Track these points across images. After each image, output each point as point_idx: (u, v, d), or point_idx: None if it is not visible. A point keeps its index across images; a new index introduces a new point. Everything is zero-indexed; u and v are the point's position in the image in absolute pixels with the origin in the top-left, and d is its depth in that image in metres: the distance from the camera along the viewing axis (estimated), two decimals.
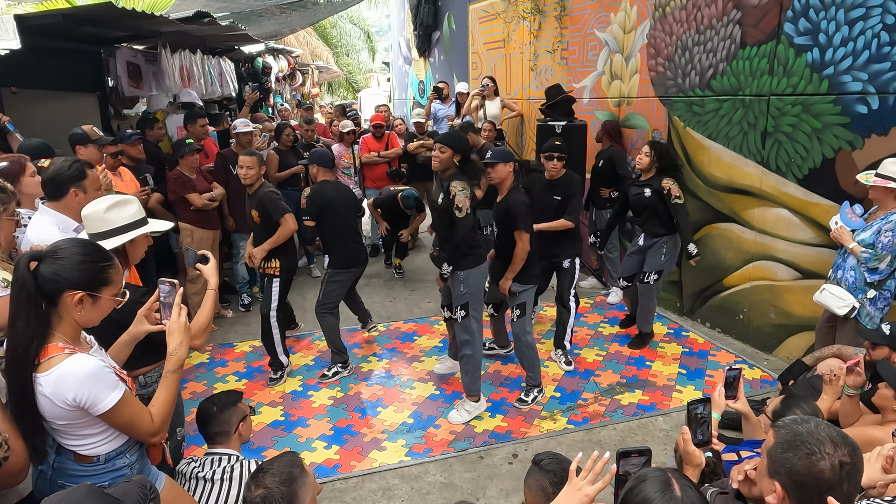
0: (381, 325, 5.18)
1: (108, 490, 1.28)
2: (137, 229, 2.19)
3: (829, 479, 1.26)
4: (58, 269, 1.61)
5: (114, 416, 1.65)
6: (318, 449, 3.45)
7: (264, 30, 9.58)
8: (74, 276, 1.62)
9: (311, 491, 1.62)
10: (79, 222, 2.57)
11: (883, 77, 3.55)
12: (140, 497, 1.34)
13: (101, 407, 1.62)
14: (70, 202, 2.58)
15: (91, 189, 2.63)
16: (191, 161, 4.83)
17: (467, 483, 3.14)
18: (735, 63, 4.47)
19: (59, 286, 1.61)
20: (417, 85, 11.01)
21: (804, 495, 1.28)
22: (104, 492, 1.25)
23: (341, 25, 21.23)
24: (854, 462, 1.28)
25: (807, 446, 1.30)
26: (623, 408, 3.83)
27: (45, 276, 1.59)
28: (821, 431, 1.32)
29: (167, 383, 1.81)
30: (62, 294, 1.61)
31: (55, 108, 5.45)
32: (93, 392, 1.60)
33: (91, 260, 1.66)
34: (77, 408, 1.61)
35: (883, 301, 3.33)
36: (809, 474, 1.28)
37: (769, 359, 4.43)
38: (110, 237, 2.11)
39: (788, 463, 1.31)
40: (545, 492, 1.63)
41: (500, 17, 7.56)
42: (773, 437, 1.39)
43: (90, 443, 1.70)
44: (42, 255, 1.62)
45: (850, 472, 1.28)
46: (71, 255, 1.64)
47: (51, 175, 2.58)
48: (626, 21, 5.54)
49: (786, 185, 4.20)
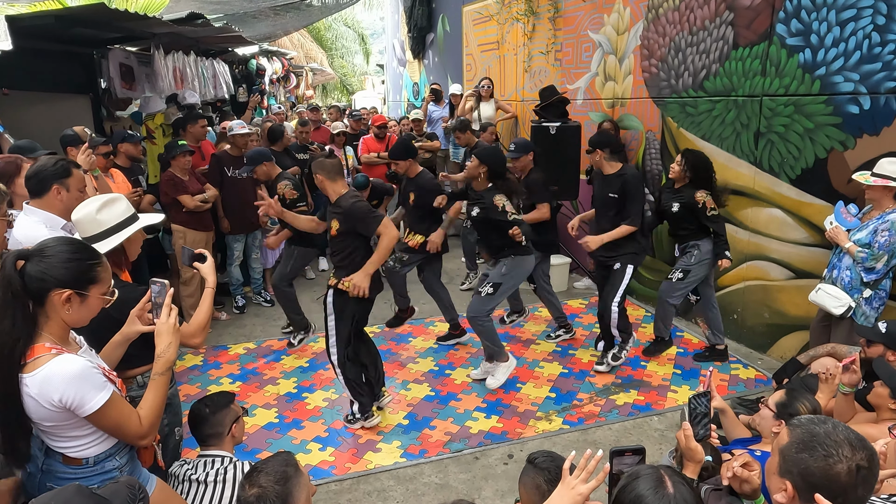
0: (376, 327, 5.17)
1: (97, 490, 1.26)
2: (131, 226, 2.17)
3: (845, 483, 1.23)
4: (45, 267, 1.58)
5: (101, 418, 1.63)
6: (312, 451, 3.44)
7: (258, 31, 9.55)
8: (62, 275, 1.60)
9: (306, 490, 1.61)
10: (66, 220, 2.55)
11: (874, 77, 3.57)
12: (129, 497, 1.32)
13: (88, 408, 1.59)
14: (52, 200, 2.52)
15: (74, 188, 2.57)
16: (183, 162, 4.81)
17: (463, 484, 3.13)
18: (728, 64, 4.49)
19: (46, 285, 1.58)
20: (412, 87, 11.01)
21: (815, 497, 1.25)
22: (93, 492, 1.23)
23: (335, 28, 21.21)
24: (871, 467, 1.25)
25: (824, 448, 1.26)
26: (618, 408, 3.83)
27: (32, 274, 1.57)
28: (839, 433, 1.28)
29: (155, 386, 1.79)
30: (49, 293, 1.59)
31: (47, 109, 5.42)
32: (79, 393, 1.57)
33: (79, 258, 1.64)
34: (63, 409, 1.58)
35: (878, 300, 3.35)
36: (825, 476, 1.24)
37: (763, 358, 4.44)
38: (106, 237, 2.09)
39: (803, 463, 1.27)
40: (540, 490, 1.63)
41: (494, 19, 7.57)
42: (787, 435, 1.34)
43: (79, 444, 1.68)
44: (29, 253, 1.60)
45: (867, 477, 1.24)
46: (58, 253, 1.62)
47: (34, 171, 2.52)
48: (620, 22, 5.56)
49: (779, 185, 4.22)
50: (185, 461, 2.30)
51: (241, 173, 5.23)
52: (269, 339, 4.98)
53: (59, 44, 5.53)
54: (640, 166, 5.52)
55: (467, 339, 4.79)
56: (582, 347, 4.69)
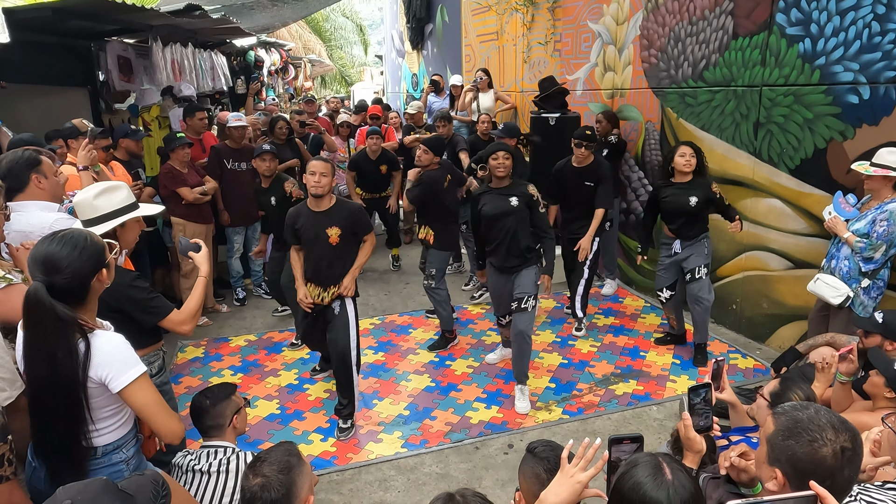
0: (377, 318, 5.19)
1: (122, 485, 1.29)
2: (127, 214, 2.22)
3: (831, 466, 1.25)
4: (72, 273, 1.66)
5: (135, 392, 1.72)
6: (314, 441, 3.46)
7: (256, 23, 9.49)
8: (90, 267, 1.71)
9: (309, 480, 1.63)
10: (57, 203, 2.59)
11: (874, 67, 3.56)
12: (153, 493, 1.35)
13: (125, 378, 1.69)
14: (35, 190, 2.54)
15: (50, 174, 2.61)
16: (182, 155, 4.81)
17: (463, 474, 3.16)
18: (727, 54, 4.48)
19: (85, 281, 1.70)
20: (411, 78, 10.97)
21: (805, 482, 1.26)
22: (119, 488, 1.27)
23: (334, 19, 21.10)
24: (855, 447, 1.27)
25: (808, 433, 1.28)
26: (617, 398, 3.85)
27: (64, 286, 1.65)
28: (821, 417, 1.30)
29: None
30: (90, 283, 1.72)
31: (45, 102, 5.39)
32: (119, 363, 1.69)
33: (83, 245, 1.71)
34: (99, 384, 1.68)
35: (876, 290, 3.36)
36: (811, 461, 1.26)
37: (762, 348, 4.46)
38: (100, 223, 2.14)
39: (790, 450, 1.29)
40: (539, 479, 1.64)
41: (492, 10, 7.54)
42: (772, 423, 1.36)
43: (96, 430, 1.73)
44: (47, 279, 1.65)
45: (852, 458, 1.26)
46: (69, 256, 1.67)
47: (7, 168, 2.52)
48: (619, 12, 5.54)
49: (778, 175, 4.22)
50: (189, 452, 2.32)
51: (240, 166, 5.23)
52: (270, 330, 5.00)
53: (56, 36, 5.51)
54: (639, 157, 5.52)
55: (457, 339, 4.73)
56: (581, 338, 4.71)
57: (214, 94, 8.23)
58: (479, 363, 4.35)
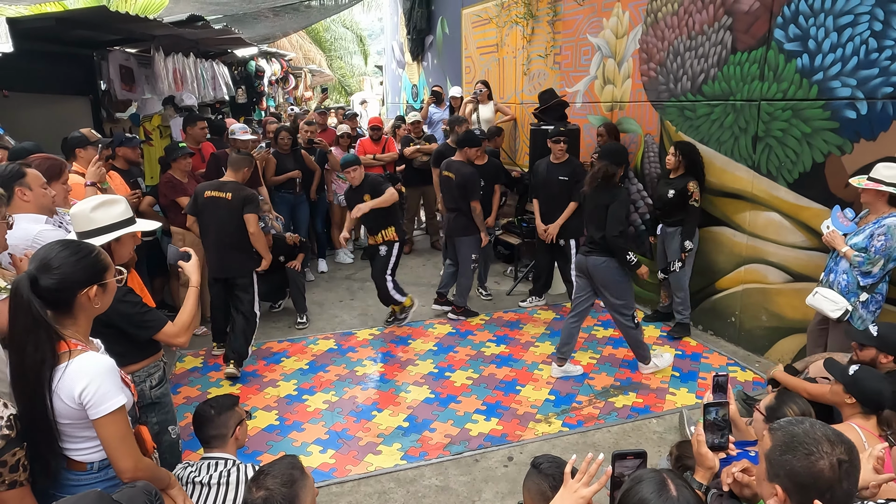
0: (376, 329, 5.18)
1: (115, 496, 1.29)
2: (124, 228, 2.20)
3: (830, 479, 1.26)
4: (61, 276, 1.62)
5: (109, 424, 1.64)
6: (313, 453, 3.45)
7: (257, 33, 9.57)
8: (81, 276, 1.66)
9: (311, 493, 1.62)
10: (46, 215, 2.59)
11: (871, 83, 3.60)
12: (146, 503, 1.35)
13: (104, 408, 1.62)
14: (19, 202, 2.51)
15: (36, 186, 2.57)
16: (183, 165, 4.82)
17: (463, 486, 3.14)
18: (726, 68, 4.52)
19: (71, 290, 1.64)
20: (411, 88, 11.02)
21: (806, 496, 1.28)
22: (113, 499, 1.26)
23: (334, 29, 21.21)
24: (852, 460, 1.28)
25: (805, 447, 1.29)
26: (617, 410, 3.85)
27: (51, 287, 1.61)
28: (816, 431, 1.31)
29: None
30: (77, 296, 1.65)
31: (47, 111, 5.41)
32: (101, 389, 1.61)
33: (83, 254, 1.69)
34: (80, 406, 1.61)
35: (875, 304, 3.37)
36: (809, 474, 1.27)
37: (761, 361, 4.47)
38: (96, 236, 2.12)
39: (788, 465, 1.30)
40: (544, 496, 1.64)
41: (493, 22, 7.60)
42: (769, 439, 1.37)
43: (87, 447, 1.70)
44: (34, 273, 1.62)
45: (849, 470, 1.27)
46: (65, 259, 1.65)
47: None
48: (619, 26, 5.59)
49: (776, 189, 4.25)
50: (189, 463, 2.31)
51: None
52: (269, 341, 4.98)
53: (59, 45, 5.54)
54: (638, 169, 5.55)
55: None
56: (581, 350, 4.71)
57: (215, 103, 8.26)
58: (479, 374, 4.35)
